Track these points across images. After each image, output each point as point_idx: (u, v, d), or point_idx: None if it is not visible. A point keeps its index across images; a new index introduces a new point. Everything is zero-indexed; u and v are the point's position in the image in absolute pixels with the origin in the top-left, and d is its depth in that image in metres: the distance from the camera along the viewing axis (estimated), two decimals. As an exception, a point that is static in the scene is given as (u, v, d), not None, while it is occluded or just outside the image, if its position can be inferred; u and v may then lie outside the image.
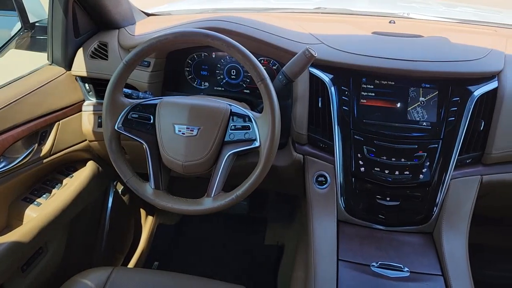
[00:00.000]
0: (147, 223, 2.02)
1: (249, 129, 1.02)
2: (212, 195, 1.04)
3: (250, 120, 1.03)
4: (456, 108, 1.13)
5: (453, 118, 1.13)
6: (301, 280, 1.15)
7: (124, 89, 1.26)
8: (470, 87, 1.13)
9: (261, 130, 1.01)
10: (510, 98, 1.11)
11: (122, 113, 1.08)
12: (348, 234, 1.20)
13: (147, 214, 2.03)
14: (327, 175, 1.23)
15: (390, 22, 1.48)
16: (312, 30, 1.29)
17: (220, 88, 1.41)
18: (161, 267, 1.86)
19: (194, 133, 1.03)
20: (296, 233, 1.79)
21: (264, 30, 1.24)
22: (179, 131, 1.03)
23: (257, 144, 1.01)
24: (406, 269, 1.09)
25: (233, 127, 1.03)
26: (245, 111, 1.05)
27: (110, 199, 1.69)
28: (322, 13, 1.67)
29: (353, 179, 1.21)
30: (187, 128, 1.03)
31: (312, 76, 1.20)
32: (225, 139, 1.03)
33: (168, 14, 1.74)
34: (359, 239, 1.19)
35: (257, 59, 1.31)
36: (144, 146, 1.08)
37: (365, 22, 1.48)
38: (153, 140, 1.07)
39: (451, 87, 1.14)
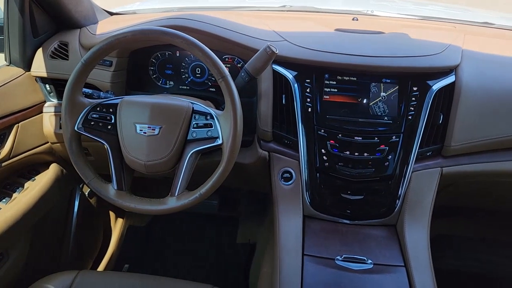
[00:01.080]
0: (117, 226, 1.99)
1: (212, 127, 1.02)
2: (176, 194, 1.03)
3: (212, 117, 1.03)
4: (415, 102, 1.16)
5: (413, 112, 1.16)
6: (268, 276, 1.16)
7: (85, 89, 1.25)
8: (428, 82, 1.15)
9: (223, 127, 1.01)
10: (467, 91, 1.14)
11: (82, 113, 1.06)
12: (313, 229, 1.21)
13: (117, 216, 2.00)
14: (292, 171, 1.24)
15: (353, 19, 1.50)
16: (276, 28, 1.30)
17: (185, 87, 1.40)
18: (131, 270, 1.84)
19: (156, 132, 1.02)
20: (268, 231, 1.80)
21: (226, 27, 1.23)
22: (140, 130, 1.02)
23: (219, 141, 1.01)
24: (369, 261, 1.11)
25: (195, 125, 1.03)
26: (207, 109, 1.04)
27: (76, 202, 1.66)
28: (287, 10, 1.69)
29: (317, 174, 1.22)
30: (148, 127, 1.02)
31: (275, 73, 1.20)
32: (188, 138, 1.03)
33: (133, 13, 1.72)
34: (325, 233, 1.20)
35: (222, 57, 1.33)
36: (105, 147, 1.07)
37: (328, 20, 1.49)
38: (114, 140, 1.06)
39: (411, 81, 1.16)
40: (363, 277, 1.06)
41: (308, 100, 1.19)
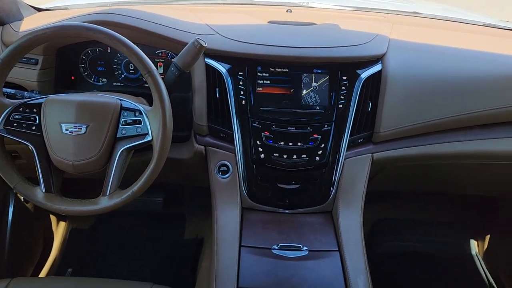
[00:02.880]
0: (59, 229, 1.92)
1: (141, 123, 1.01)
2: (108, 194, 1.01)
3: (141, 114, 1.01)
4: (345, 91, 1.19)
5: (343, 101, 1.19)
6: (208, 270, 1.17)
7: (7, 89, 1.19)
8: (357, 71, 1.19)
9: (153, 123, 0.99)
10: (392, 79, 1.19)
11: (3, 115, 1.02)
12: (251, 220, 1.23)
13: (58, 219, 1.93)
14: (229, 164, 1.25)
15: (287, 11, 1.52)
16: (208, 21, 1.29)
17: (119, 84, 1.37)
18: (76, 274, 1.78)
19: (83, 131, 0.99)
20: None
21: (155, 21, 1.21)
22: (66, 130, 0.99)
23: (149, 138, 0.99)
24: (305, 248, 1.13)
25: (124, 122, 1.01)
26: (136, 105, 1.03)
27: (11, 209, 1.58)
28: (223, 4, 1.68)
29: (254, 166, 1.23)
30: (74, 126, 0.99)
31: (208, 67, 1.20)
32: (117, 135, 1.01)
33: (65, 9, 1.65)
34: (262, 224, 1.22)
35: (155, 52, 1.31)
36: (30, 148, 1.03)
37: (263, 12, 1.50)
38: (40, 141, 1.02)
39: (340, 71, 1.19)
40: (298, 264, 1.09)
41: (242, 92, 1.19)
